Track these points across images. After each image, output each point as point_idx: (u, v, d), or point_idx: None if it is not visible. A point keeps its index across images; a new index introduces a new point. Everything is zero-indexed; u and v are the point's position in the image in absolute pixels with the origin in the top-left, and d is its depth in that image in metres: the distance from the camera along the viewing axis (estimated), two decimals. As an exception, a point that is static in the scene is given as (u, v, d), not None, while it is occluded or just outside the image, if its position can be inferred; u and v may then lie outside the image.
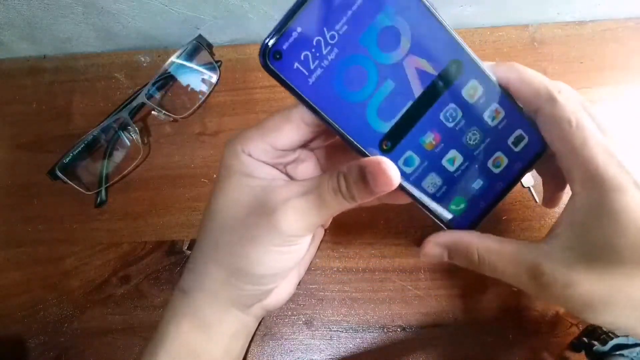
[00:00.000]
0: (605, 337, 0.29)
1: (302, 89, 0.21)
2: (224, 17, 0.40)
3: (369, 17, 0.20)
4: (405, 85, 0.22)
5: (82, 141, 0.38)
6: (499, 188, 0.25)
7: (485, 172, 0.24)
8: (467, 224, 0.26)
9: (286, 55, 0.20)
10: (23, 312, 0.36)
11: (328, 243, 0.36)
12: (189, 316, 0.27)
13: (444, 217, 0.25)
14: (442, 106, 0.23)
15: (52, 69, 0.43)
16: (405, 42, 0.21)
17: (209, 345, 0.27)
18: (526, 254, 0.22)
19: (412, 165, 0.24)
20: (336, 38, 0.20)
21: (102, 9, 0.39)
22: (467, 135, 0.23)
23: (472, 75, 0.23)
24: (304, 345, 0.34)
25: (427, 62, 0.22)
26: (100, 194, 0.38)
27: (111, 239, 0.37)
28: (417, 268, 0.35)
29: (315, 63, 0.20)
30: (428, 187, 0.24)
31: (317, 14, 0.19)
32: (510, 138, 0.24)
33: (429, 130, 0.23)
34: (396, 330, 0.34)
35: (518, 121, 0.24)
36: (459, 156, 0.24)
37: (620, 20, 0.40)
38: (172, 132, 0.40)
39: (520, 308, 0.34)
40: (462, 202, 0.25)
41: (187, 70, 0.41)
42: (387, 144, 0.23)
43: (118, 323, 0.35)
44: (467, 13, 0.41)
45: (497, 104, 0.23)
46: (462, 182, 0.24)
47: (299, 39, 0.20)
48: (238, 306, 0.28)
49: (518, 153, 0.24)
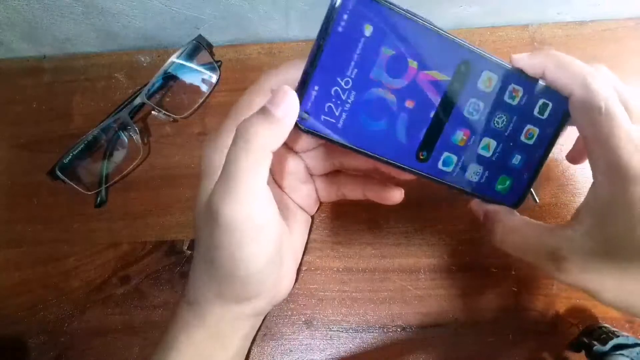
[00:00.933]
0: (605, 337, 0.29)
1: (335, 135, 0.23)
2: (224, 17, 0.40)
3: (373, 54, 0.22)
4: (424, 98, 0.23)
5: (82, 141, 0.38)
6: (538, 156, 0.26)
7: (521, 146, 0.26)
8: (516, 198, 0.27)
9: (312, 113, 0.22)
10: (23, 312, 0.36)
11: (328, 243, 0.36)
12: (201, 327, 0.26)
13: (494, 198, 0.27)
14: (463, 104, 0.24)
15: (52, 69, 0.43)
16: (412, 62, 0.23)
17: (221, 353, 0.27)
18: (548, 238, 0.23)
19: (451, 165, 0.25)
20: (350, 82, 0.22)
21: (102, 9, 0.39)
22: (494, 121, 0.25)
23: (483, 68, 0.24)
24: (304, 345, 0.34)
25: (437, 72, 0.23)
26: (100, 194, 0.38)
27: (111, 239, 0.37)
28: (417, 268, 0.35)
29: (339, 109, 0.23)
30: (472, 177, 0.26)
31: (328, 70, 0.22)
32: (535, 110, 0.25)
33: (457, 130, 0.25)
34: (396, 330, 0.34)
35: (538, 92, 0.25)
36: (492, 141, 0.25)
37: (620, 20, 0.40)
38: (172, 132, 0.40)
39: (520, 308, 0.34)
40: (507, 180, 0.26)
41: (187, 70, 0.41)
42: (422, 154, 0.25)
43: (118, 323, 0.35)
44: (467, 13, 0.41)
45: (513, 84, 0.24)
46: (502, 162, 0.26)
47: (318, 96, 0.22)
48: (248, 310, 0.27)
49: (547, 119, 0.25)
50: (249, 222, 0.22)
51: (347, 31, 0.21)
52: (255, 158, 0.21)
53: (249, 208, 0.22)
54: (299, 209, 0.32)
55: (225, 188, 0.22)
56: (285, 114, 0.21)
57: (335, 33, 0.21)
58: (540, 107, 0.25)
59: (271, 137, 0.21)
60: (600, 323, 0.32)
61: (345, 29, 0.21)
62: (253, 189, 0.22)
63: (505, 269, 0.34)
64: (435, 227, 0.36)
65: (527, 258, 0.24)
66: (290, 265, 0.31)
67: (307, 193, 0.32)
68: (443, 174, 0.25)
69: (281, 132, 0.21)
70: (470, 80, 0.24)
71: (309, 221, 0.34)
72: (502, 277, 0.34)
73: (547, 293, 0.34)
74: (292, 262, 0.31)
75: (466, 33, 0.41)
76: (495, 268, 0.34)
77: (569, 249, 0.22)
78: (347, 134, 0.23)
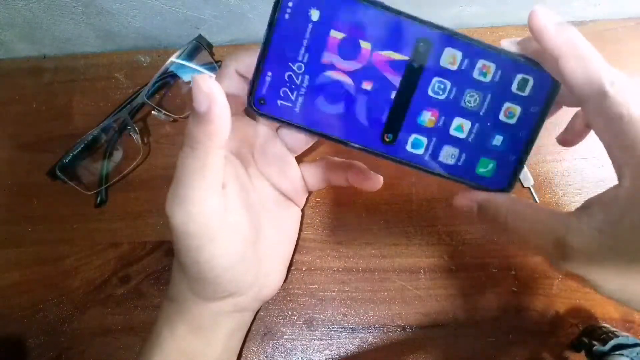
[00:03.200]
0: (605, 337, 0.29)
1: (292, 119, 0.23)
2: (224, 17, 0.40)
3: (322, 38, 0.22)
4: (383, 79, 0.23)
5: (82, 141, 0.38)
6: (523, 137, 0.24)
7: (500, 126, 0.24)
8: (505, 182, 0.25)
9: (268, 99, 0.23)
10: (23, 312, 0.36)
11: (328, 243, 0.36)
12: (182, 322, 0.27)
13: (477, 183, 0.25)
14: (427, 83, 0.23)
15: (52, 69, 0.43)
16: (365, 43, 0.22)
17: (206, 349, 0.27)
18: (557, 225, 0.22)
19: (421, 147, 0.24)
20: (303, 67, 0.22)
21: (102, 9, 0.39)
22: (464, 100, 0.23)
23: (444, 45, 0.23)
24: (304, 345, 0.34)
25: (393, 52, 0.22)
26: (100, 194, 0.38)
27: (111, 239, 0.37)
28: (417, 268, 0.35)
29: (295, 94, 0.23)
30: (447, 160, 0.24)
31: (278, 55, 0.22)
32: (513, 85, 0.23)
33: (423, 110, 0.23)
34: (396, 330, 0.34)
35: (514, 67, 0.23)
36: (465, 122, 0.24)
37: (620, 20, 0.40)
38: (172, 132, 0.40)
39: (520, 308, 0.34)
40: (489, 162, 0.25)
41: (187, 70, 0.41)
42: (388, 137, 0.24)
43: (118, 323, 0.35)
44: (467, 13, 0.41)
45: (482, 60, 0.23)
46: (481, 143, 0.24)
47: (272, 82, 0.23)
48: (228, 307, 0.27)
49: (529, 97, 0.23)
50: (202, 226, 0.22)
51: (294, 17, 0.22)
52: (200, 160, 0.21)
53: (199, 212, 0.22)
54: (285, 200, 0.31)
55: (174, 193, 0.22)
56: (208, 106, 0.20)
57: (282, 19, 0.22)
58: (520, 83, 0.23)
59: (207, 134, 0.20)
60: (600, 323, 0.32)
61: (292, 15, 0.22)
62: (201, 192, 0.21)
63: (505, 269, 0.34)
64: (435, 227, 0.36)
65: (530, 244, 0.23)
66: (274, 261, 0.30)
67: (292, 177, 0.31)
68: (414, 158, 0.24)
69: (215, 126, 0.20)
70: (431, 58, 0.22)
71: (299, 215, 0.34)
72: (502, 277, 0.34)
73: (547, 293, 0.34)
74: (277, 258, 0.31)
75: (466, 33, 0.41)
76: (495, 268, 0.34)
77: (577, 239, 0.21)
78: (306, 117, 0.23)
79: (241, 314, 0.29)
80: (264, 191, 0.30)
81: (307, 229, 0.36)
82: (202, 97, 0.19)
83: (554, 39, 0.20)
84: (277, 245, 0.30)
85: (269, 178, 0.30)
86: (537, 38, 0.21)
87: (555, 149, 0.25)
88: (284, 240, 0.32)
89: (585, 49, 0.20)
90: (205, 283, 0.25)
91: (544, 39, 0.21)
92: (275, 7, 0.21)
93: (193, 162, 0.21)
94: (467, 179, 0.25)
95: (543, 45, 0.21)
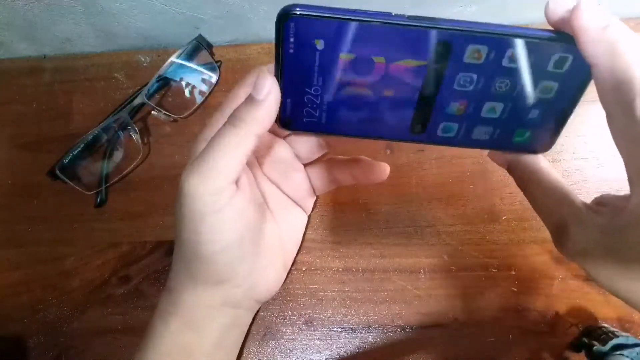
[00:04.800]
0: (605, 337, 0.29)
1: (322, 130, 0.24)
2: (224, 17, 0.40)
3: (333, 62, 0.22)
4: (404, 85, 0.23)
5: (82, 141, 0.38)
6: (561, 106, 0.23)
7: (536, 102, 0.23)
8: (541, 144, 0.25)
9: (294, 119, 0.24)
10: (23, 312, 0.36)
11: (328, 243, 0.36)
12: (176, 314, 0.27)
13: (514, 149, 0.25)
14: (451, 80, 0.22)
15: (52, 69, 0.43)
16: (379, 59, 0.22)
17: (198, 342, 0.27)
18: (563, 207, 0.22)
19: (452, 131, 0.24)
20: (320, 89, 0.23)
21: (102, 9, 0.39)
22: (495, 87, 0.23)
23: (466, 43, 0.22)
24: (304, 345, 0.34)
25: (410, 60, 0.22)
26: (100, 194, 0.38)
27: (111, 239, 0.37)
28: (417, 268, 0.35)
29: (318, 111, 0.24)
30: (481, 136, 0.24)
31: (293, 85, 0.23)
32: (549, 65, 0.22)
33: (451, 102, 0.23)
34: (396, 331, 0.34)
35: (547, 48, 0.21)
36: (497, 104, 0.23)
37: (621, 20, 0.40)
38: (172, 132, 0.40)
39: (520, 308, 0.34)
40: (525, 132, 0.24)
41: (187, 70, 0.41)
42: (417, 128, 0.24)
43: (118, 323, 0.35)
44: (467, 13, 0.41)
45: (511, 49, 0.21)
46: (515, 119, 0.24)
47: (293, 106, 0.23)
48: (219, 299, 0.27)
49: (568, 72, 0.22)
50: (213, 195, 0.23)
51: (299, 50, 0.22)
52: (237, 139, 0.22)
53: (215, 182, 0.23)
54: (292, 204, 0.32)
55: (196, 162, 0.22)
56: (265, 95, 0.21)
57: (288, 54, 0.22)
58: (557, 62, 0.22)
59: (256, 120, 0.22)
60: (600, 323, 0.32)
61: (297, 49, 0.22)
62: (226, 165, 0.22)
63: (505, 269, 0.34)
64: (435, 227, 0.36)
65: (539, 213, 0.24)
66: (274, 260, 0.30)
67: (298, 182, 0.31)
68: (447, 140, 0.24)
69: (265, 114, 0.22)
70: (453, 57, 0.22)
71: (304, 220, 0.34)
72: (502, 277, 0.34)
73: (547, 293, 0.34)
74: (277, 258, 0.30)
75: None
76: (495, 268, 0.34)
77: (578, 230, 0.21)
78: (334, 127, 0.24)
79: (234, 310, 0.28)
80: (270, 193, 0.30)
81: (307, 229, 0.36)
82: (262, 86, 0.21)
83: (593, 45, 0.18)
84: (278, 246, 0.30)
85: (274, 182, 0.30)
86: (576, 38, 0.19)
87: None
88: (287, 243, 0.32)
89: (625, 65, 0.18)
90: (200, 260, 0.25)
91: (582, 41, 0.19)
92: (278, 43, 0.21)
93: (230, 138, 0.22)
94: (503, 148, 0.25)
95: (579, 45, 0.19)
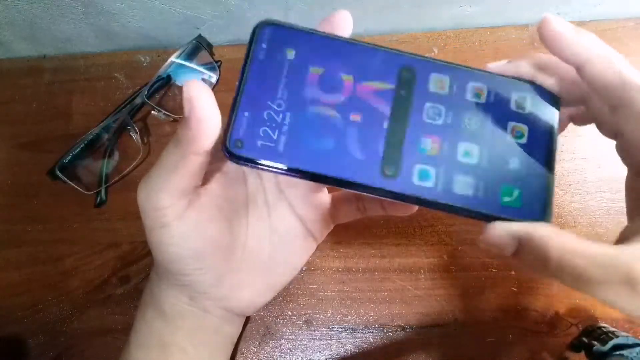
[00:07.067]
0: (605, 337, 0.29)
1: (276, 160, 0.21)
2: (224, 17, 0.40)
3: (301, 75, 0.21)
4: (371, 110, 0.22)
5: (82, 141, 0.38)
6: (540, 156, 0.22)
7: (512, 147, 0.22)
8: (538, 211, 0.21)
9: (247, 140, 0.21)
10: (23, 312, 0.36)
11: (328, 243, 0.36)
12: (150, 305, 0.27)
13: (506, 216, 0.21)
14: (420, 110, 0.22)
15: (52, 69, 0.43)
16: (346, 77, 0.22)
17: (170, 333, 0.27)
18: (619, 256, 0.18)
19: (430, 178, 0.22)
20: (283, 104, 0.21)
21: (102, 9, 0.39)
22: (464, 124, 0.22)
23: (429, 71, 0.22)
24: (304, 345, 0.34)
25: (378, 82, 0.22)
26: (100, 194, 0.38)
27: (111, 239, 0.37)
28: (417, 268, 0.35)
29: (276, 132, 0.21)
30: (465, 191, 0.22)
31: (255, 94, 0.21)
32: (511, 105, 0.22)
33: (422, 137, 0.22)
34: (396, 330, 0.34)
35: (508, 86, 0.22)
36: (472, 146, 0.22)
37: (620, 20, 0.40)
38: (172, 132, 0.40)
39: (520, 308, 0.34)
40: (512, 189, 0.22)
41: (187, 70, 0.41)
42: (389, 170, 0.21)
43: (118, 323, 0.35)
44: (467, 13, 0.41)
45: (472, 82, 0.22)
46: (497, 168, 0.22)
47: (250, 121, 0.21)
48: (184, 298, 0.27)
49: (532, 113, 0.22)
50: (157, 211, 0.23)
51: (269, 57, 0.21)
52: (175, 158, 0.21)
53: (156, 198, 0.23)
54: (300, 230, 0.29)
55: (145, 177, 0.23)
56: (188, 111, 0.20)
57: (256, 59, 0.21)
58: (518, 101, 0.22)
59: (186, 138, 0.20)
60: (600, 323, 0.32)
61: (267, 56, 0.21)
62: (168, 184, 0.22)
63: (505, 269, 0.34)
64: (435, 227, 0.36)
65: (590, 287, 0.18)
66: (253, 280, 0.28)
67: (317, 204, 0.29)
68: (425, 191, 0.21)
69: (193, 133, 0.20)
70: (418, 85, 0.22)
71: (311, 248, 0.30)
72: (502, 277, 0.34)
73: (547, 293, 0.34)
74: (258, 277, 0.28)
75: (466, 33, 0.41)
76: (495, 268, 0.34)
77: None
78: (291, 157, 0.21)
79: (203, 313, 0.28)
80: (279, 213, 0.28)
81: (307, 229, 0.36)
82: (185, 101, 0.20)
83: (575, 44, 0.19)
84: (264, 267, 0.29)
85: (291, 201, 0.28)
86: (553, 45, 0.20)
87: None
88: (279, 266, 0.29)
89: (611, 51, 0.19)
90: (158, 264, 0.26)
91: (563, 45, 0.19)
92: (249, 48, 0.21)
93: (170, 157, 0.22)
94: (493, 212, 0.21)
95: (561, 52, 0.20)
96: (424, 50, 0.41)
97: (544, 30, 0.20)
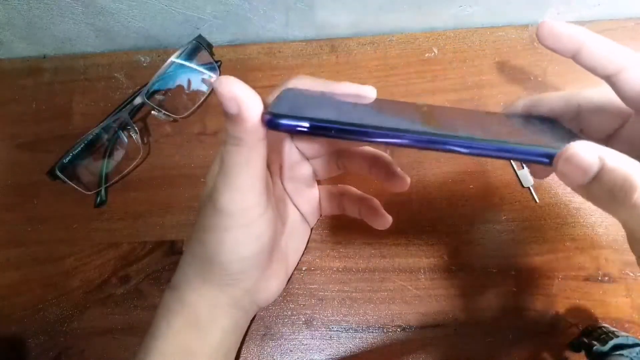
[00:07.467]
0: (605, 337, 0.29)
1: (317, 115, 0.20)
2: (224, 17, 0.40)
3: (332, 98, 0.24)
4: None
5: (82, 141, 0.38)
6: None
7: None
8: None
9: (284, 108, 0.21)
10: (23, 312, 0.36)
11: (328, 243, 0.36)
12: (180, 313, 0.27)
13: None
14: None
15: (52, 69, 0.43)
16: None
17: (201, 343, 0.27)
18: None
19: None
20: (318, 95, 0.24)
21: (102, 9, 0.39)
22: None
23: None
24: (304, 345, 0.34)
25: None
26: (100, 194, 0.38)
27: (111, 239, 0.37)
28: (417, 268, 0.35)
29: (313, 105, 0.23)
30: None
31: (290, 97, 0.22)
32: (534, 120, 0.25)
33: None
34: (396, 330, 0.34)
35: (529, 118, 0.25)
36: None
37: (620, 20, 0.40)
38: (172, 132, 0.40)
39: (520, 308, 0.34)
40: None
41: (187, 70, 0.41)
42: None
43: (118, 323, 0.35)
44: (467, 13, 0.41)
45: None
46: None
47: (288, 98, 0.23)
48: (225, 299, 0.27)
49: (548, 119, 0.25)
50: (244, 211, 0.23)
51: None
52: (244, 155, 0.21)
53: (244, 199, 0.23)
54: (300, 217, 0.32)
55: (222, 181, 0.23)
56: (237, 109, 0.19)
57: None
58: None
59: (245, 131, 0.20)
60: (600, 323, 0.32)
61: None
62: (247, 181, 0.22)
63: (505, 269, 0.34)
64: (435, 227, 0.36)
65: None
66: (279, 269, 0.30)
67: (310, 197, 0.32)
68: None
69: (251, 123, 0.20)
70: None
71: (308, 232, 0.34)
72: (501, 277, 0.34)
73: (547, 293, 0.34)
74: (282, 267, 0.31)
75: (466, 33, 0.41)
76: (495, 268, 0.34)
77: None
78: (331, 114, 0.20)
79: (237, 312, 0.29)
80: (284, 204, 0.31)
81: (307, 229, 0.36)
82: (228, 101, 0.19)
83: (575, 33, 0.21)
84: (284, 256, 0.31)
85: (291, 196, 0.31)
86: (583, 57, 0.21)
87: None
88: (291, 254, 0.33)
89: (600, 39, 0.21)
90: (215, 265, 0.25)
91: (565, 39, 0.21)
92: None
93: (238, 157, 0.21)
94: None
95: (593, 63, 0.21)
96: (423, 50, 0.41)
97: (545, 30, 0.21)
